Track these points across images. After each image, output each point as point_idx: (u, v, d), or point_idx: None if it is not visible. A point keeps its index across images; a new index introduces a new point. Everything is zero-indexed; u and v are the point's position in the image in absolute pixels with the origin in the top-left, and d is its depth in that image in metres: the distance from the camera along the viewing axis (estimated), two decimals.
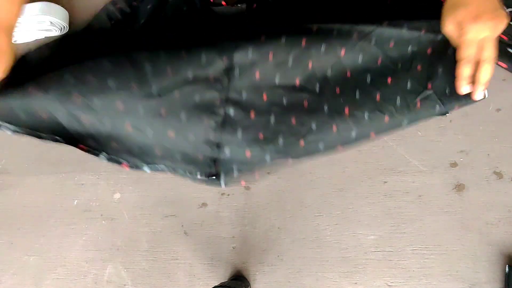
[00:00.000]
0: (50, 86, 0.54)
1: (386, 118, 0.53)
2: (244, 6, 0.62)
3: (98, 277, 0.57)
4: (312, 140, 0.53)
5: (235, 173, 0.53)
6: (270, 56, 0.54)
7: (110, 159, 0.54)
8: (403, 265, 0.52)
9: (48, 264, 0.59)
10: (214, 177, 0.54)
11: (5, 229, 0.62)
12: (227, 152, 0.54)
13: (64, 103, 0.54)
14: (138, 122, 0.54)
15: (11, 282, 0.59)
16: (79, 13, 0.76)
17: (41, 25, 0.71)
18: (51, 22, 0.71)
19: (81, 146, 0.54)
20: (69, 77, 0.54)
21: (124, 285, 0.57)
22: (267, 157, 0.53)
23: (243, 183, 0.57)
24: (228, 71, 0.55)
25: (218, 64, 0.55)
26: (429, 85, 0.51)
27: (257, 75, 0.55)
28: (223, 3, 0.65)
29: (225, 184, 0.54)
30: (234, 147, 0.54)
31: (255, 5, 0.62)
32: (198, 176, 0.54)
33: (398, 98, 0.54)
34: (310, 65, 0.54)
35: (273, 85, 0.55)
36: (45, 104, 0.54)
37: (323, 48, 0.54)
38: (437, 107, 0.51)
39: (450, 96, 0.50)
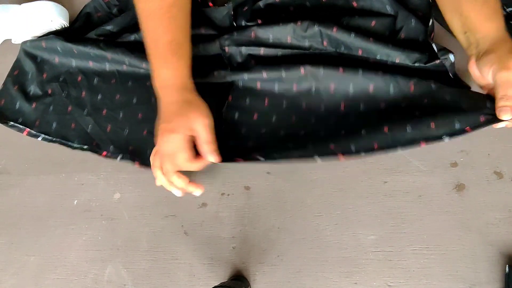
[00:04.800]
0: (85, 105, 0.66)
1: (381, 104, 0.57)
2: (230, 5, 0.66)
3: (98, 277, 0.57)
4: (313, 130, 0.57)
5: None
6: (264, 74, 0.61)
7: (123, 158, 0.63)
8: (403, 265, 0.52)
9: (48, 264, 0.59)
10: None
11: (5, 229, 0.63)
12: (231, 144, 0.58)
13: (93, 115, 0.65)
14: (153, 128, 0.60)
15: (11, 282, 0.59)
16: (79, 11, 0.76)
17: (41, 23, 0.71)
18: (51, 21, 0.71)
19: (104, 153, 0.63)
20: (102, 97, 0.66)
21: (124, 285, 0.57)
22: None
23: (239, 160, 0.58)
24: (232, 84, 0.63)
25: (226, 80, 0.62)
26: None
27: (258, 85, 0.62)
28: (210, 4, 0.68)
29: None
30: (238, 141, 0.59)
31: (246, 8, 0.65)
32: None
33: (391, 86, 0.57)
34: (302, 71, 0.59)
35: (273, 92, 0.61)
36: (77, 117, 0.65)
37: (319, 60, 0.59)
38: None
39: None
